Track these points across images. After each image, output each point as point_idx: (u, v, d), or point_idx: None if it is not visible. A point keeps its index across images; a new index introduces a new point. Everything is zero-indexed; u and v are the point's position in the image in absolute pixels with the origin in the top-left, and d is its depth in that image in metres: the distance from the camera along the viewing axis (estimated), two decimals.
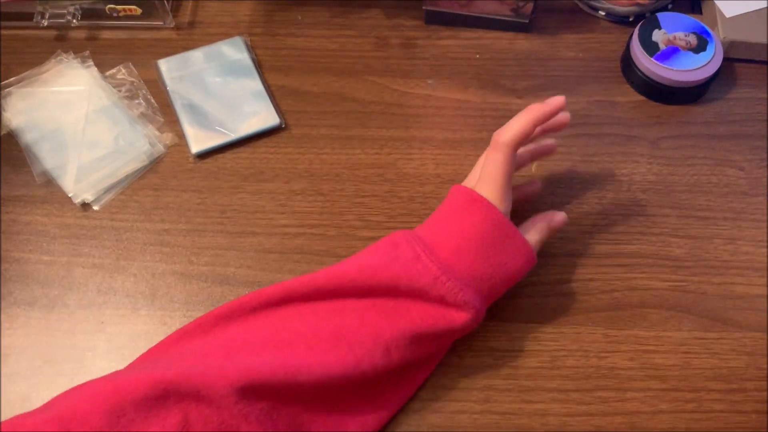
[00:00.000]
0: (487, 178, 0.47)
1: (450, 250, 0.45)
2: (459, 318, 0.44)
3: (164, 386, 0.39)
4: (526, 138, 0.47)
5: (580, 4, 0.67)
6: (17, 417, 0.39)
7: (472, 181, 0.50)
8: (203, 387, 0.39)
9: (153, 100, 0.61)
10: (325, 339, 0.43)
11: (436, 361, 0.48)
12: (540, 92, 0.62)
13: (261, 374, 0.40)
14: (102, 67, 0.62)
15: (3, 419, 0.47)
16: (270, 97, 0.61)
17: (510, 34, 0.65)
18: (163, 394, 0.38)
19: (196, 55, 0.63)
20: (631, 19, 0.66)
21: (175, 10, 0.67)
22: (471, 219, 0.46)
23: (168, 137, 0.59)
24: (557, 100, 0.47)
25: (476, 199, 0.46)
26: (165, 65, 0.62)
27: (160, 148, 0.59)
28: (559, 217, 0.50)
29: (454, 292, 0.44)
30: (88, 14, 0.64)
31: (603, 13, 0.66)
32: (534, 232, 0.49)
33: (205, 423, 0.39)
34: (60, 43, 0.65)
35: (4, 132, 0.59)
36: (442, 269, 0.44)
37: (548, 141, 0.53)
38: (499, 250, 0.45)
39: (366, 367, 0.43)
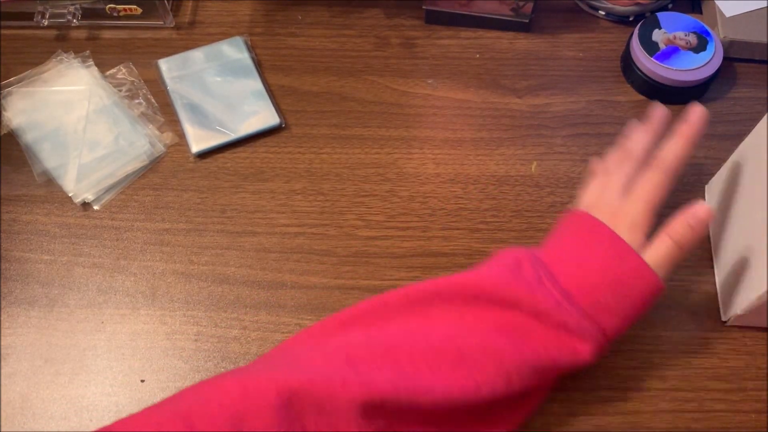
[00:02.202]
0: (638, 200, 0.45)
1: (572, 278, 0.43)
2: (582, 349, 0.42)
3: (288, 395, 0.38)
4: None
5: (580, 4, 0.67)
6: (145, 410, 0.39)
7: (607, 192, 0.47)
8: (326, 399, 0.38)
9: (153, 100, 0.61)
10: (447, 360, 0.41)
11: (551, 387, 0.46)
12: (540, 92, 0.62)
13: (384, 392, 0.39)
14: (102, 66, 0.62)
15: (3, 419, 0.47)
16: (270, 97, 0.61)
17: (510, 34, 0.65)
18: (286, 403, 0.38)
19: (197, 55, 0.63)
20: (631, 19, 0.66)
21: (176, 10, 0.67)
22: (596, 252, 0.43)
23: (168, 137, 0.59)
24: (698, 113, 0.47)
25: (607, 234, 0.44)
26: (165, 65, 0.62)
27: (161, 148, 0.59)
28: (701, 210, 0.44)
29: (576, 318, 0.42)
30: (88, 14, 0.64)
31: (603, 13, 0.66)
32: (664, 241, 0.44)
33: None
34: (60, 42, 0.65)
35: (4, 132, 0.59)
36: (564, 296, 0.42)
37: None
38: (624, 283, 0.42)
39: (486, 393, 0.41)
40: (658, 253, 0.44)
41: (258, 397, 0.38)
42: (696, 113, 0.48)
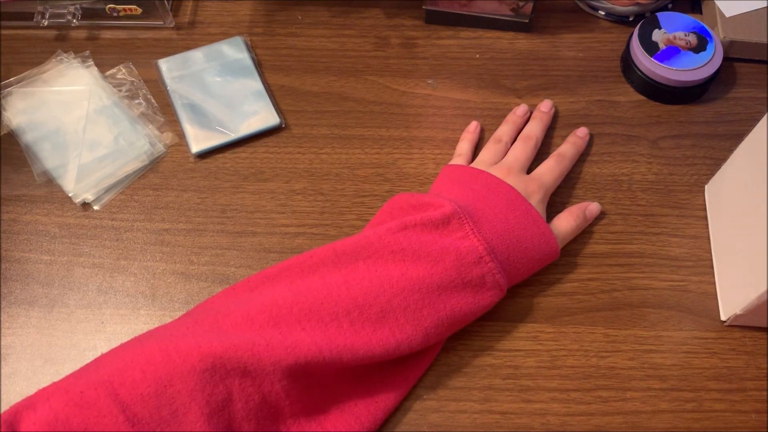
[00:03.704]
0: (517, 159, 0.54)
1: (494, 234, 0.47)
2: (488, 300, 0.47)
3: (212, 360, 0.40)
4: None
5: (580, 4, 0.67)
6: (67, 377, 0.40)
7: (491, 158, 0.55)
8: (250, 363, 0.40)
9: (153, 100, 0.61)
10: (370, 319, 0.44)
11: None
12: (540, 92, 0.62)
13: (308, 353, 0.41)
14: (102, 66, 0.62)
15: None
16: (270, 97, 0.61)
17: (510, 34, 0.65)
18: (210, 367, 0.39)
19: (196, 55, 0.63)
20: (631, 19, 0.66)
21: (175, 10, 0.67)
22: (512, 215, 0.49)
23: (168, 137, 0.59)
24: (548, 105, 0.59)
25: (521, 201, 0.50)
26: (165, 65, 0.62)
27: (161, 148, 0.59)
28: (594, 206, 0.54)
29: (493, 273, 0.46)
30: (88, 14, 0.64)
31: (603, 13, 0.66)
32: (566, 220, 0.52)
33: (247, 399, 0.40)
34: (60, 42, 0.65)
35: (4, 132, 0.59)
36: (488, 249, 0.46)
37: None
38: (527, 238, 0.48)
39: (404, 349, 0.44)
40: (563, 225, 0.52)
41: (182, 363, 0.39)
42: (546, 105, 0.59)
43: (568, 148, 0.56)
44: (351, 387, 0.45)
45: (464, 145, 0.57)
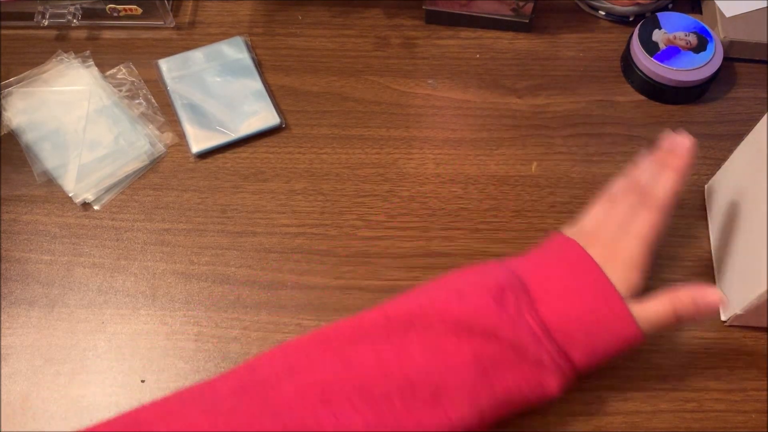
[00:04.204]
0: (636, 237, 0.43)
1: (553, 311, 0.42)
2: (552, 384, 0.42)
3: None
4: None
5: (580, 4, 0.67)
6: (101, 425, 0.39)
7: (589, 226, 0.46)
8: None
9: (153, 100, 0.61)
10: (423, 397, 0.41)
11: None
12: (540, 92, 0.62)
13: None
14: (102, 66, 0.62)
15: (3, 419, 0.47)
16: (270, 97, 0.61)
17: (510, 34, 0.65)
18: None
19: (197, 55, 0.63)
20: (631, 19, 0.66)
21: (176, 10, 0.67)
22: (581, 288, 0.42)
23: (168, 137, 0.59)
24: (686, 145, 0.46)
25: (596, 273, 0.43)
26: (165, 65, 0.62)
27: (161, 148, 0.59)
28: (713, 295, 0.42)
29: (552, 355, 0.41)
30: (88, 14, 0.64)
31: (603, 13, 0.66)
32: (661, 304, 0.43)
33: None
34: (60, 42, 0.65)
35: (4, 132, 0.59)
36: (543, 330, 0.41)
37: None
38: (604, 327, 0.42)
39: (458, 428, 0.41)
40: (653, 310, 0.43)
41: None
42: (684, 145, 0.46)
43: (663, 184, 0.46)
44: None
45: (620, 185, 0.48)
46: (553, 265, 0.44)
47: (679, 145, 0.47)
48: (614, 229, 0.45)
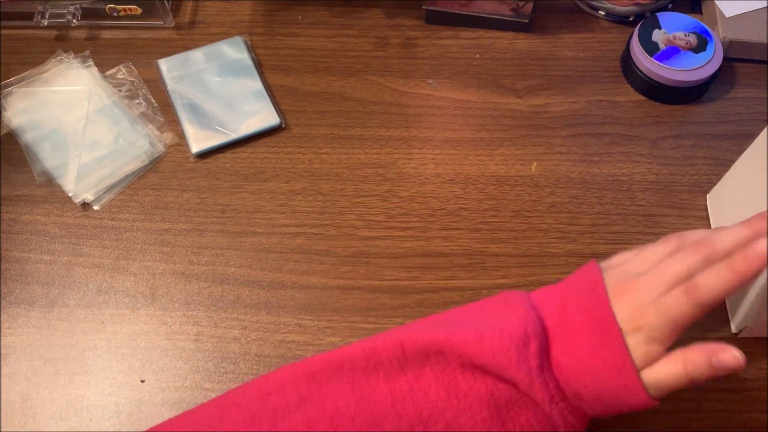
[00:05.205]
0: (667, 313, 0.39)
1: (569, 372, 0.40)
2: (563, 430, 0.40)
3: None
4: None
5: (580, 4, 0.67)
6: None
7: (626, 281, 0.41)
8: None
9: (153, 100, 0.61)
10: None
11: None
12: (540, 92, 0.62)
13: None
14: (102, 66, 0.62)
15: (3, 419, 0.47)
16: (270, 97, 0.61)
17: (510, 34, 0.65)
18: None
19: (196, 55, 0.63)
20: (631, 19, 0.66)
21: (175, 10, 0.67)
22: (600, 354, 0.40)
23: (168, 137, 0.59)
24: (759, 253, 0.37)
25: (617, 343, 0.39)
26: (165, 65, 0.62)
27: (161, 148, 0.59)
28: (729, 354, 0.37)
29: (564, 415, 0.40)
30: (88, 14, 0.64)
31: (603, 13, 0.66)
32: (672, 365, 0.39)
33: None
34: (60, 42, 0.65)
35: (4, 132, 0.59)
36: (557, 390, 0.40)
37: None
38: (615, 395, 0.40)
39: None
40: (664, 373, 0.39)
41: None
42: (757, 252, 0.38)
43: (707, 277, 0.39)
44: None
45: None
46: (578, 323, 0.41)
47: (755, 248, 0.38)
48: (657, 289, 0.40)
